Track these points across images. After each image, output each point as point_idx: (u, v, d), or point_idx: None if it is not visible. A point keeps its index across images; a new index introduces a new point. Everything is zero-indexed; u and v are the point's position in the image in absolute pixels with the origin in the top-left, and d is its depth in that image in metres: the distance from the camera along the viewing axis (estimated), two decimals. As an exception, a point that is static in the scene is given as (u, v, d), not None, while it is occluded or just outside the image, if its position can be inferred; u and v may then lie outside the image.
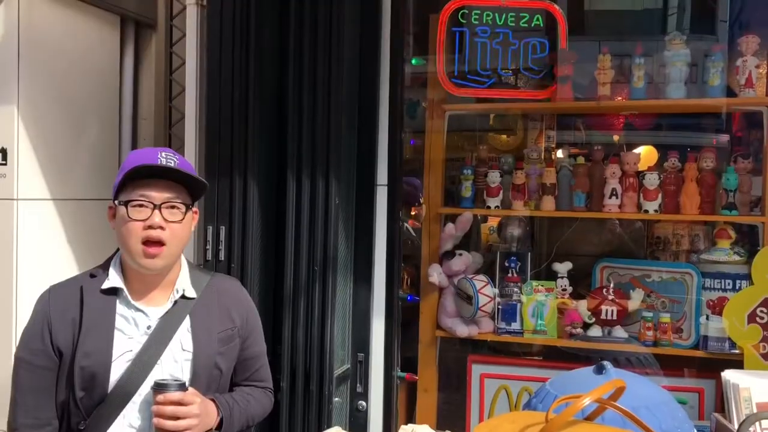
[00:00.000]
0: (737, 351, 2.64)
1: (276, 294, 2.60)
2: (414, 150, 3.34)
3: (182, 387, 1.60)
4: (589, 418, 1.75)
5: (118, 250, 1.74)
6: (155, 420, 1.57)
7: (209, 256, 2.56)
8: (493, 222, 3.40)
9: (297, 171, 2.50)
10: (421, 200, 3.11)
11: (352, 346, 2.69)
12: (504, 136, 3.50)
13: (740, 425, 1.81)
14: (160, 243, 1.61)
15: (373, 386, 2.70)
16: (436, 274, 2.97)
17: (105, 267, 1.70)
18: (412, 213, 3.22)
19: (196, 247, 2.61)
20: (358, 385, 2.69)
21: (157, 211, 1.61)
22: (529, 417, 1.74)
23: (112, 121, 3.05)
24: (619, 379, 1.59)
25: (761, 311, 2.62)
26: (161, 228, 1.61)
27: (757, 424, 2.08)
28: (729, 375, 2.23)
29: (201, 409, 1.61)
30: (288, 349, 2.50)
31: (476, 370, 2.98)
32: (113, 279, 1.66)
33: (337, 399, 2.61)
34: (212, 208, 2.55)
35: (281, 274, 2.53)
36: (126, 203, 1.61)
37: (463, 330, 2.92)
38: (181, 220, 1.64)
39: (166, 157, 1.63)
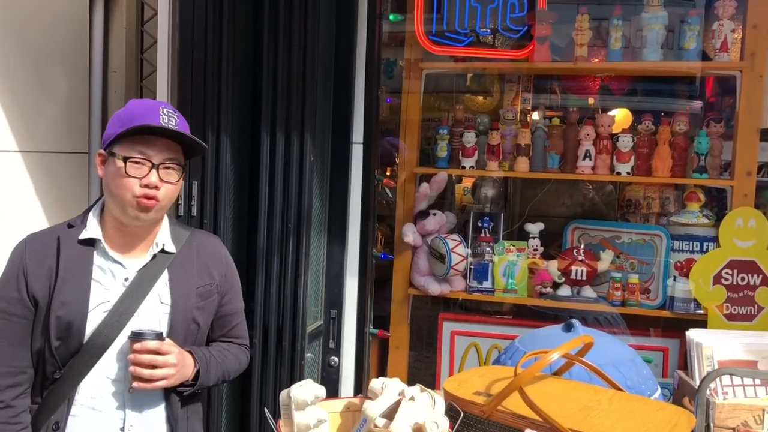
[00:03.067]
0: (702, 312, 2.71)
1: (249, 251, 2.59)
2: (390, 110, 3.32)
3: (159, 337, 1.61)
4: (557, 374, 1.79)
5: (98, 200, 1.72)
6: (132, 368, 1.58)
7: (182, 211, 2.54)
8: (467, 183, 3.41)
9: (271, 127, 2.47)
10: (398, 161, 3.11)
11: (325, 303, 2.71)
12: (480, 97, 3.49)
13: (702, 381, 1.86)
14: (154, 198, 1.62)
15: (346, 343, 2.73)
16: (410, 234, 2.98)
17: (83, 217, 1.68)
18: (387, 173, 3.22)
19: (168, 202, 2.58)
20: (330, 341, 2.72)
21: (154, 171, 1.61)
22: (498, 371, 1.78)
23: (82, 72, 2.97)
24: (587, 335, 1.63)
25: (726, 273, 2.68)
26: (156, 188, 1.61)
27: (717, 381, 2.15)
28: (693, 334, 2.29)
29: (178, 360, 1.62)
30: (261, 305, 2.50)
31: (447, 328, 3.02)
32: (92, 229, 1.65)
33: (309, 355, 2.63)
34: (185, 163, 2.51)
35: (255, 230, 2.52)
36: (125, 159, 1.59)
37: (435, 288, 2.95)
38: (177, 181, 1.66)
39: (167, 115, 1.62)
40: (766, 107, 2.66)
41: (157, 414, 1.69)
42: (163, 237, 1.73)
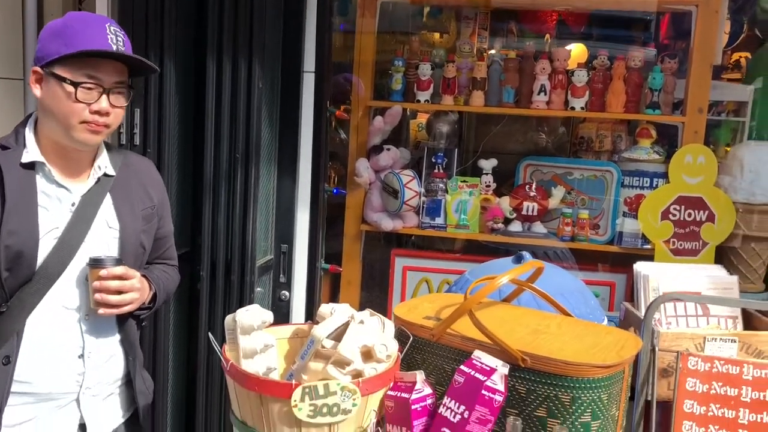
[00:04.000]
0: (649, 247, 2.76)
1: (196, 181, 2.51)
2: (344, 42, 3.22)
3: (119, 262, 1.56)
4: (506, 300, 1.79)
5: (28, 117, 1.61)
6: (98, 296, 1.52)
7: (123, 139, 2.43)
8: (422, 119, 3.36)
9: (217, 53, 2.36)
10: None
11: (275, 237, 2.66)
12: (437, 35, 3.41)
13: (649, 305, 1.89)
14: (105, 125, 1.55)
15: (297, 277, 2.70)
16: (363, 169, 2.93)
17: (16, 137, 1.57)
18: (342, 108, 3.14)
19: (108, 130, 2.47)
20: (281, 275, 2.68)
21: (105, 96, 1.52)
22: (449, 298, 1.77)
23: None
24: (537, 261, 1.62)
25: (674, 209, 2.72)
26: (107, 114, 1.53)
27: (662, 311, 2.19)
28: (640, 266, 2.32)
29: (140, 283, 1.59)
30: (208, 237, 2.44)
31: (399, 263, 3.01)
32: (33, 152, 1.55)
33: (259, 289, 2.59)
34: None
35: (201, 160, 2.43)
36: (74, 84, 1.49)
37: (388, 224, 2.93)
38: (125, 105, 1.58)
39: (115, 35, 1.52)
40: (719, 44, 2.67)
41: (113, 339, 1.66)
42: (103, 160, 1.65)
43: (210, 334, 1.45)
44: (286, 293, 2.68)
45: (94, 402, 1.62)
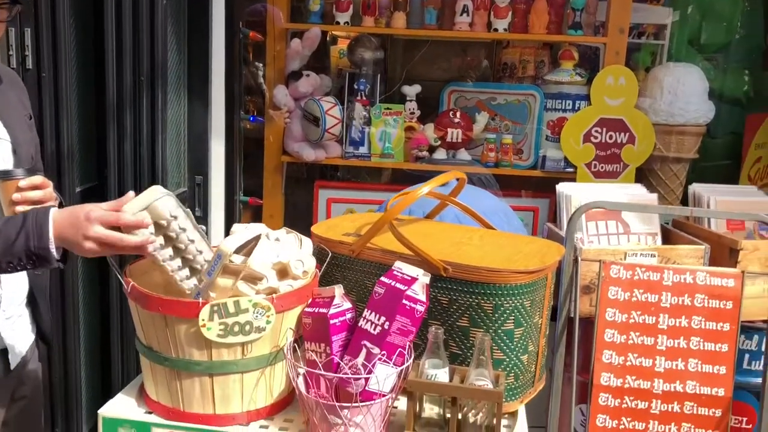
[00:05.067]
0: (571, 170, 2.76)
1: (99, 107, 2.32)
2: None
3: (32, 171, 1.41)
4: (429, 217, 1.74)
5: None
6: (20, 209, 1.35)
7: (14, 63, 2.20)
8: (342, 45, 3.22)
9: (115, -37, 2.16)
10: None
11: (188, 168, 2.52)
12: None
13: (570, 217, 1.87)
14: None
15: (214, 210, 2.58)
16: (281, 96, 2.79)
17: None
18: (254, 38, 2.96)
19: (-3, 52, 2.24)
20: (196, 208, 2.55)
21: None
22: (369, 217, 1.70)
23: None
24: (458, 171, 1.56)
25: (596, 131, 2.72)
26: None
27: (584, 230, 2.20)
28: (562, 187, 2.32)
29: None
30: (114, 166, 2.27)
31: (323, 195, 2.92)
32: None
33: (174, 223, 2.45)
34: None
35: (103, 84, 2.25)
36: None
37: (310, 154, 2.82)
38: (6, 18, 1.40)
39: None
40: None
41: None
42: None
43: (110, 258, 1.33)
44: (203, 227, 2.54)
45: (9, 324, 1.50)
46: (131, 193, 1.29)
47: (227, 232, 2.55)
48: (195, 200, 2.52)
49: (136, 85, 2.24)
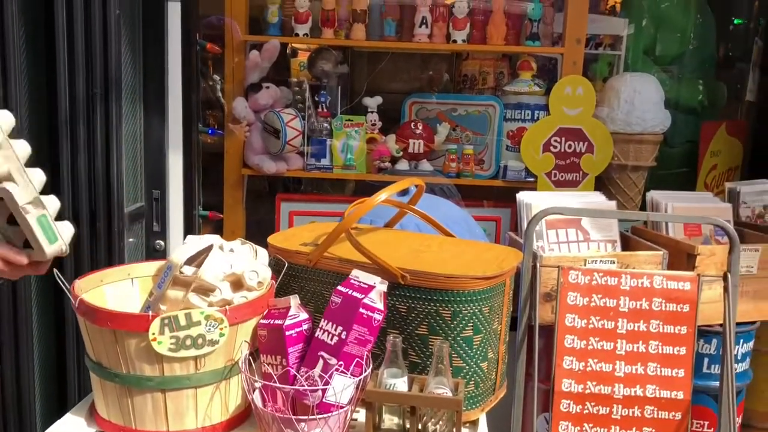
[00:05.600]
0: (532, 180, 2.78)
1: (51, 121, 2.27)
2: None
3: None
4: (388, 225, 1.73)
5: None
6: None
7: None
8: (303, 57, 3.21)
9: (66, -27, 2.11)
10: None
11: (145, 181, 2.46)
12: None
13: (528, 223, 1.88)
14: None
15: (173, 225, 2.52)
16: (241, 108, 2.76)
17: None
18: (211, 50, 2.93)
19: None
20: (154, 223, 2.49)
21: None
22: (327, 226, 1.67)
23: None
24: (416, 178, 1.55)
25: (555, 141, 2.74)
26: None
27: (545, 238, 2.21)
28: (522, 195, 2.33)
29: None
30: (68, 182, 2.21)
31: (285, 209, 2.89)
32: None
33: (131, 239, 2.40)
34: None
35: (54, 98, 2.19)
36: None
37: (270, 167, 2.78)
38: None
39: None
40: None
41: None
42: None
43: (56, 270, 1.28)
44: (161, 243, 2.50)
45: None
46: None
47: (186, 247, 2.52)
48: (153, 215, 2.47)
49: (89, 99, 2.19)
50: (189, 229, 2.57)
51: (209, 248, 1.26)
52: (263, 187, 3.14)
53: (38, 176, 1.17)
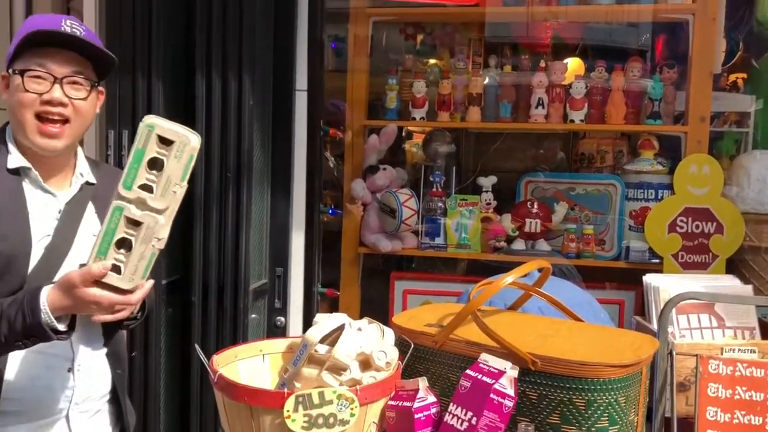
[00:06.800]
0: (657, 261, 2.67)
1: (186, 203, 2.42)
2: (336, 66, 3.18)
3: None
4: (511, 309, 1.69)
5: (5, 125, 1.54)
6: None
7: (111, 162, 2.35)
8: (418, 139, 3.30)
9: (206, 68, 2.31)
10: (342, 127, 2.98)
11: (269, 260, 2.56)
12: (431, 60, 3.37)
13: (662, 309, 1.79)
14: (62, 121, 1.45)
15: (293, 302, 2.60)
16: (359, 189, 2.86)
17: None
18: (334, 135, 3.07)
19: (97, 153, 2.40)
20: (276, 300, 2.57)
21: (57, 86, 1.43)
22: (450, 307, 1.67)
23: (1, 21, 2.75)
24: (542, 260, 1.53)
25: (681, 221, 2.64)
26: (62, 105, 1.44)
27: (675, 324, 2.09)
28: (650, 278, 2.22)
29: None
30: (200, 260, 2.34)
31: (399, 287, 2.91)
32: (18, 158, 1.48)
33: (254, 316, 2.49)
34: (113, 108, 2.33)
35: (191, 181, 2.35)
36: (21, 72, 1.42)
37: (386, 245, 2.84)
38: (86, 97, 1.48)
39: (71, 26, 1.44)
40: (718, 51, 2.62)
41: (101, 352, 1.58)
42: (83, 168, 1.59)
43: (197, 345, 1.35)
44: (282, 319, 2.57)
45: (82, 419, 1.53)
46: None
47: (306, 324, 2.58)
48: (275, 292, 2.55)
49: (223, 181, 2.34)
50: (308, 306, 2.63)
51: (341, 327, 1.28)
52: (377, 265, 3.19)
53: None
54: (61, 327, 1.33)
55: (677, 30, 2.90)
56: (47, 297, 1.32)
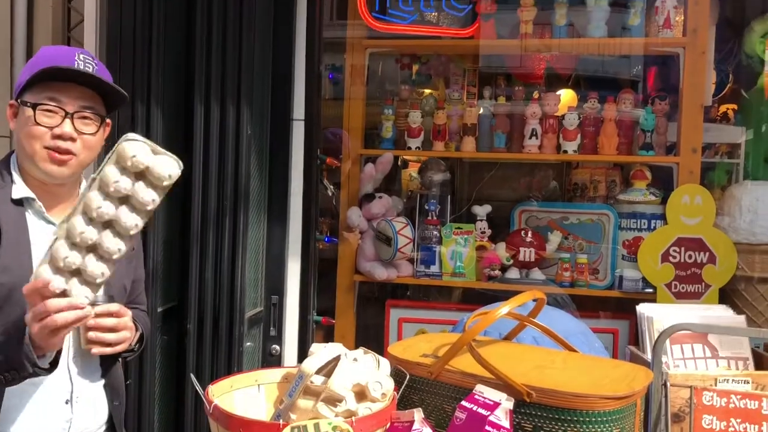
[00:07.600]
0: (650, 290, 2.68)
1: (183, 230, 2.44)
2: (333, 94, 3.22)
3: (112, 299, 1.49)
4: (506, 339, 1.70)
5: (9, 155, 1.56)
6: (92, 335, 1.44)
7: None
8: (413, 168, 3.33)
9: (205, 98, 2.33)
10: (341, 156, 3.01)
11: (265, 287, 2.57)
12: (427, 91, 3.42)
13: (656, 340, 1.80)
14: (69, 153, 1.47)
15: (288, 330, 2.59)
16: (355, 217, 2.87)
17: (2, 175, 1.51)
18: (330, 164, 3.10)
19: (94, 180, 2.41)
20: (271, 328, 2.57)
21: (68, 120, 1.45)
22: (446, 337, 1.68)
23: (2, 16, 2.77)
24: (537, 291, 1.54)
25: (674, 251, 2.66)
26: (72, 139, 1.46)
27: (669, 354, 2.10)
28: (643, 308, 2.24)
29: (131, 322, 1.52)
30: (195, 288, 2.35)
31: (394, 315, 2.92)
32: (22, 188, 1.50)
33: (249, 343, 2.48)
34: (112, 136, 2.34)
35: (188, 209, 2.37)
36: (34, 106, 1.44)
37: (381, 273, 2.85)
38: (95, 132, 1.50)
39: (83, 61, 1.47)
40: (708, 84, 2.67)
41: (98, 384, 1.58)
42: None
43: (192, 375, 1.35)
44: (277, 347, 2.56)
45: None
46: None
47: (301, 352, 2.57)
48: (270, 320, 2.55)
49: (219, 209, 2.35)
50: (303, 334, 2.63)
51: (337, 358, 1.29)
52: (373, 293, 3.20)
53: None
54: (43, 364, 1.34)
55: (668, 62, 2.95)
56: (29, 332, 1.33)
